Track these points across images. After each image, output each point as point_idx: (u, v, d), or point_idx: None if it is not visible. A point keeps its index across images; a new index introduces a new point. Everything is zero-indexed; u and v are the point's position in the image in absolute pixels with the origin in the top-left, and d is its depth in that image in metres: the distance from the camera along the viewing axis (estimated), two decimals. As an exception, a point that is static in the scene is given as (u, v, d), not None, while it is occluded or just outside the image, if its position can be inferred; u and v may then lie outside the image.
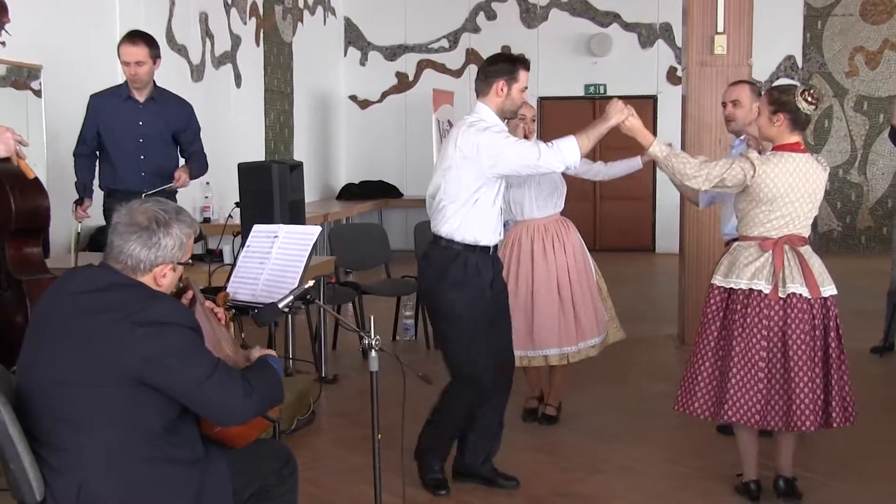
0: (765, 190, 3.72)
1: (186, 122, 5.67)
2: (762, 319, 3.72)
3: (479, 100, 3.97)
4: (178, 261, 2.60)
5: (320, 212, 9.78)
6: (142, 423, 2.45)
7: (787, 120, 3.74)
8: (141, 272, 2.54)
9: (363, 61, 12.74)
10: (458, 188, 3.88)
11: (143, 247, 2.52)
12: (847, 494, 4.06)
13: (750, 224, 3.82)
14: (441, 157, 4.00)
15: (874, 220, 12.02)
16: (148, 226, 2.53)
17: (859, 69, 11.85)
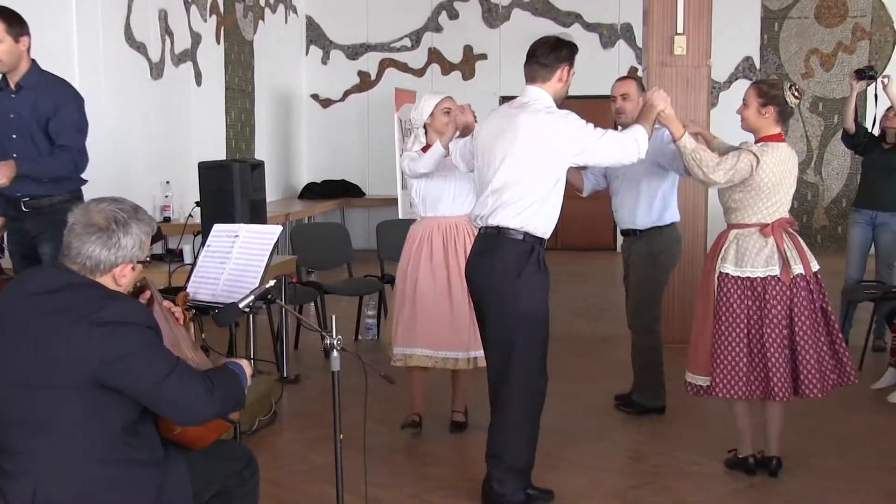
0: (765, 180, 3.99)
1: (54, 108, 4.46)
2: (781, 301, 4.04)
3: (534, 84, 3.82)
4: (137, 259, 2.57)
5: (282, 211, 9.73)
6: (100, 425, 2.42)
7: (775, 112, 4.05)
8: (100, 273, 2.51)
9: (325, 60, 12.69)
10: (536, 179, 3.71)
11: (102, 247, 2.49)
12: (801, 489, 4.12)
13: (748, 212, 4.08)
14: (493, 148, 3.78)
15: (829, 219, 12.20)
16: (107, 226, 2.50)
17: (815, 71, 12.03)
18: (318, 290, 6.65)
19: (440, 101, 4.73)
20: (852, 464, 4.43)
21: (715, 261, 4.14)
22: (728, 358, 4.09)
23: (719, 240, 4.20)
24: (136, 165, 7.76)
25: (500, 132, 3.79)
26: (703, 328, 4.20)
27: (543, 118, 3.73)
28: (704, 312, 4.19)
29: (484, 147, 3.87)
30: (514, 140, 3.72)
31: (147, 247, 2.61)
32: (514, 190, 3.71)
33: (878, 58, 11.88)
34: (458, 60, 12.43)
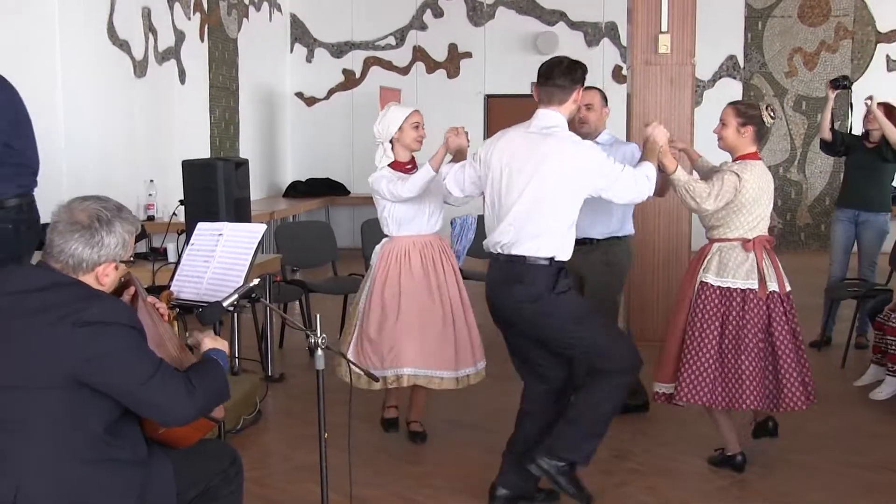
0: (746, 196, 4.09)
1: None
2: (758, 314, 4.12)
3: (550, 107, 3.73)
4: (121, 259, 2.56)
5: (266, 209, 9.70)
6: (82, 425, 2.41)
7: (753, 132, 4.18)
8: (83, 271, 2.50)
9: (309, 58, 12.65)
10: (561, 209, 3.66)
11: (85, 246, 2.47)
12: (782, 486, 4.15)
13: (730, 228, 4.16)
14: (517, 173, 3.66)
15: (812, 217, 12.27)
16: (90, 224, 2.49)
17: (798, 70, 12.09)
18: (303, 288, 6.64)
19: (409, 115, 4.54)
20: (832, 460, 4.47)
21: (696, 271, 4.23)
22: (696, 364, 4.15)
23: (702, 252, 4.28)
24: (120, 164, 7.72)
25: (524, 157, 3.66)
26: (676, 337, 4.26)
27: (571, 148, 3.67)
28: (678, 321, 4.26)
29: (503, 171, 3.71)
30: (541, 167, 3.63)
31: (131, 246, 2.60)
32: (539, 219, 3.64)
33: (861, 56, 11.95)
34: (442, 59, 12.42)
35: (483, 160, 3.84)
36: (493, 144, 3.83)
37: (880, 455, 4.55)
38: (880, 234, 6.55)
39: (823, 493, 4.09)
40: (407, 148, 4.57)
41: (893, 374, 5.35)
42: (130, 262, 2.65)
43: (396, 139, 4.54)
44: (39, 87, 6.55)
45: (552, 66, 3.77)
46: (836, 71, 11.99)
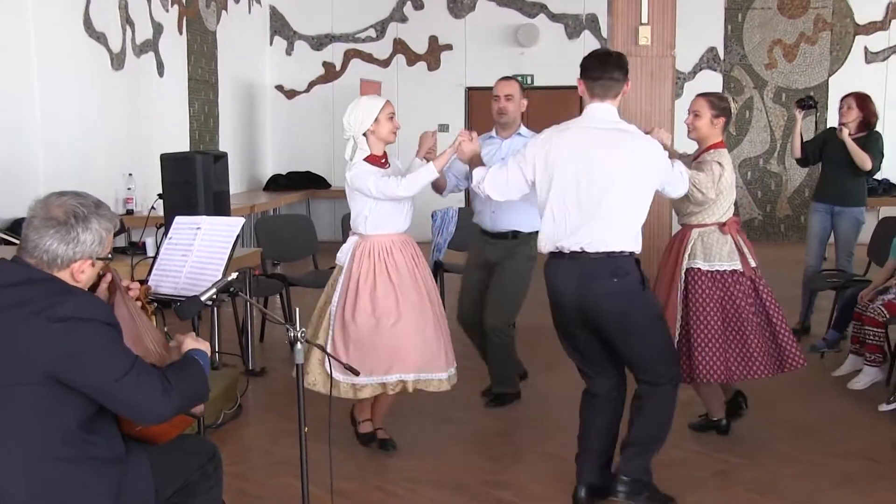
0: (724, 184, 4.34)
1: None
2: (748, 290, 4.37)
3: (607, 101, 3.72)
4: (98, 256, 2.52)
5: (247, 203, 9.67)
6: (56, 422, 2.38)
7: (723, 123, 4.44)
8: (58, 268, 2.47)
9: (289, 51, 12.60)
10: (647, 202, 3.71)
11: (60, 242, 2.44)
12: (762, 475, 4.18)
13: (708, 214, 4.37)
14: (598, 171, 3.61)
15: (792, 208, 12.33)
16: (66, 220, 2.45)
17: (778, 61, 12.14)
18: (284, 282, 6.61)
19: (384, 106, 4.28)
20: (811, 450, 4.50)
21: (680, 258, 4.40)
22: (706, 345, 4.34)
23: (681, 238, 4.45)
24: (98, 158, 7.66)
25: (605, 154, 3.62)
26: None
27: (650, 143, 3.76)
28: (667, 308, 4.33)
29: (579, 169, 3.63)
30: (630, 163, 3.64)
31: (109, 244, 2.56)
32: (632, 214, 3.66)
33: (839, 48, 12.01)
34: (423, 51, 12.40)
35: (544, 161, 3.70)
36: (551, 143, 3.71)
37: (858, 444, 4.59)
38: (856, 226, 6.58)
39: (802, 483, 4.12)
40: (383, 140, 4.30)
41: (871, 364, 5.39)
42: (108, 259, 2.61)
43: (371, 131, 4.27)
44: (15, 80, 6.50)
45: (605, 58, 3.79)
46: (815, 63, 12.05)
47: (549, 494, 4.01)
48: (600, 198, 3.61)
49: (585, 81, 3.77)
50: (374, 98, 4.38)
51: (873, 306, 5.35)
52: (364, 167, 4.28)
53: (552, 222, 3.71)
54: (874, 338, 5.34)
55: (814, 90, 12.05)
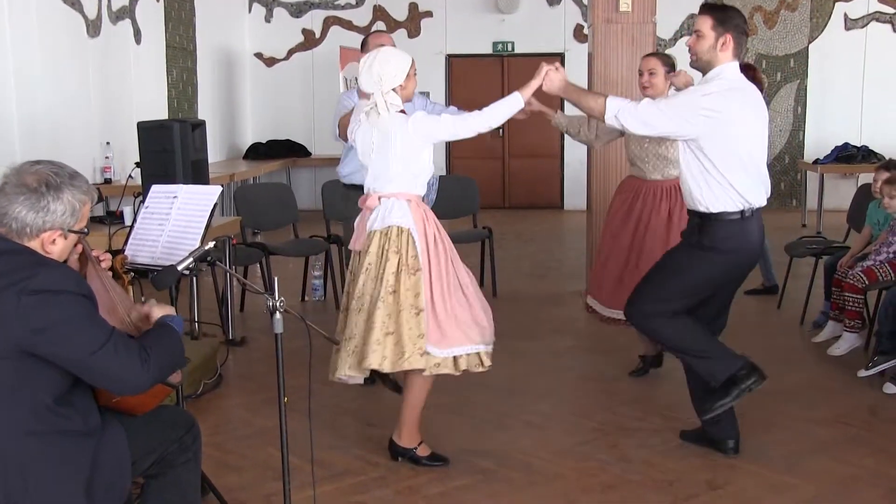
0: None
1: None
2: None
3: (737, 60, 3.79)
4: (70, 228, 2.47)
5: (226, 171, 9.60)
6: (29, 395, 2.35)
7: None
8: (27, 237, 2.42)
9: (268, 18, 12.46)
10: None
11: (29, 210, 2.40)
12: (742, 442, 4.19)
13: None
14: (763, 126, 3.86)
15: (772, 175, 12.21)
16: (37, 188, 2.41)
17: (758, 28, 12.11)
18: (264, 251, 6.58)
19: (412, 64, 3.88)
20: (788, 416, 4.53)
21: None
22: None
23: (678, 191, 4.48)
24: (75, 127, 7.57)
25: (761, 118, 3.86)
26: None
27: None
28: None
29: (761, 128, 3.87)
30: (766, 124, 3.89)
31: (84, 216, 2.51)
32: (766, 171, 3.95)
33: (819, 15, 11.99)
34: (403, 18, 12.28)
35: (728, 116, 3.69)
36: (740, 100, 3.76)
37: (834, 409, 4.63)
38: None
39: (782, 448, 4.15)
40: (406, 99, 3.87)
41: (850, 330, 5.42)
42: (84, 234, 2.56)
43: (402, 87, 3.82)
44: (-12, 47, 6.39)
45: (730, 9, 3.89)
46: (795, 29, 12.03)
47: (529, 462, 4.03)
48: (763, 156, 3.91)
49: (738, 37, 3.76)
50: (403, 53, 3.88)
51: (852, 272, 5.38)
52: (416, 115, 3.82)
53: (747, 180, 3.80)
54: (853, 304, 5.38)
55: (794, 57, 12.06)
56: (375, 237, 3.82)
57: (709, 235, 3.79)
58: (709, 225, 3.79)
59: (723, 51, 3.73)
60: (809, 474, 3.88)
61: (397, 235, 3.79)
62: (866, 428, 4.42)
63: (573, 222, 10.72)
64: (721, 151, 3.71)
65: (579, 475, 3.90)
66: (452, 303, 3.83)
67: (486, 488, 3.80)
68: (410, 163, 3.82)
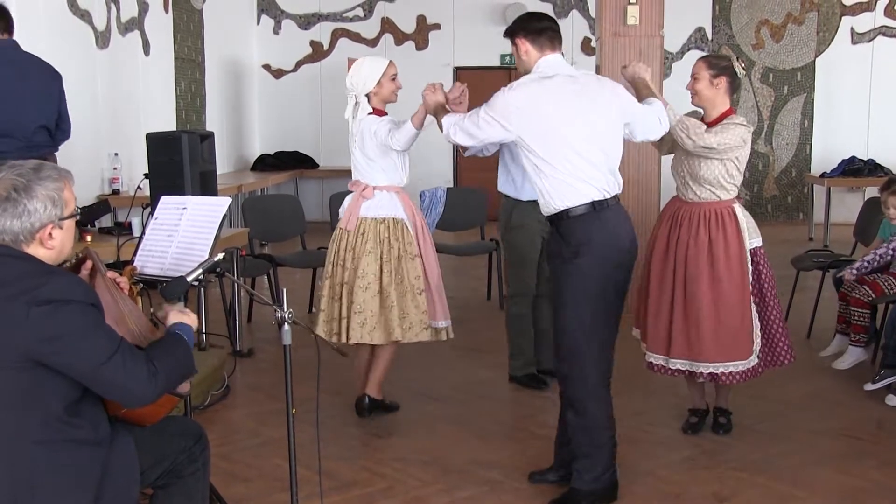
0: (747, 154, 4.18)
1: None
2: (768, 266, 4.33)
3: (555, 52, 3.69)
4: (60, 217, 2.45)
5: (234, 183, 9.63)
6: (38, 405, 2.35)
7: (726, 83, 4.16)
8: (24, 243, 2.41)
9: (277, 30, 12.51)
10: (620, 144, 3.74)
11: (12, 218, 2.38)
12: (748, 454, 4.20)
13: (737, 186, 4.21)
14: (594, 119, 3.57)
15: (779, 189, 12.36)
16: (8, 196, 2.38)
17: (765, 42, 12.12)
18: (271, 262, 6.60)
19: (387, 67, 4.43)
20: (795, 428, 4.53)
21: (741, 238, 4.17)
22: (781, 324, 4.34)
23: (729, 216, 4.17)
24: (83, 137, 7.58)
25: (590, 102, 3.56)
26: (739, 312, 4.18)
27: (604, 81, 3.78)
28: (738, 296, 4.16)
29: (573, 116, 3.53)
30: (609, 109, 3.62)
31: (67, 201, 2.47)
32: (615, 153, 3.64)
33: (826, 29, 12.00)
34: (411, 30, 12.33)
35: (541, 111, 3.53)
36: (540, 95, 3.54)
37: (841, 422, 4.62)
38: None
39: (789, 461, 4.15)
40: (385, 101, 4.46)
41: (856, 344, 5.41)
42: (77, 214, 2.54)
43: (374, 93, 4.41)
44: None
45: (541, 14, 3.82)
46: (802, 43, 12.05)
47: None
48: (607, 147, 3.58)
49: (528, 37, 3.67)
50: (378, 59, 4.50)
51: (859, 287, 5.37)
52: (376, 119, 4.43)
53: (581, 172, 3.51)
54: (859, 318, 5.37)
55: (800, 71, 12.07)
56: (372, 225, 4.45)
57: (567, 239, 3.54)
58: (564, 226, 3.55)
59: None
60: (816, 487, 3.88)
61: (394, 225, 4.45)
62: (873, 441, 4.42)
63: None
64: (547, 145, 3.52)
65: (586, 487, 3.89)
66: (437, 281, 4.56)
67: (493, 499, 3.80)
68: (379, 159, 4.43)
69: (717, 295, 4.14)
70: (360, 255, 4.42)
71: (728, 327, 4.16)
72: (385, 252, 4.42)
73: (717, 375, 4.20)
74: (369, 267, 4.40)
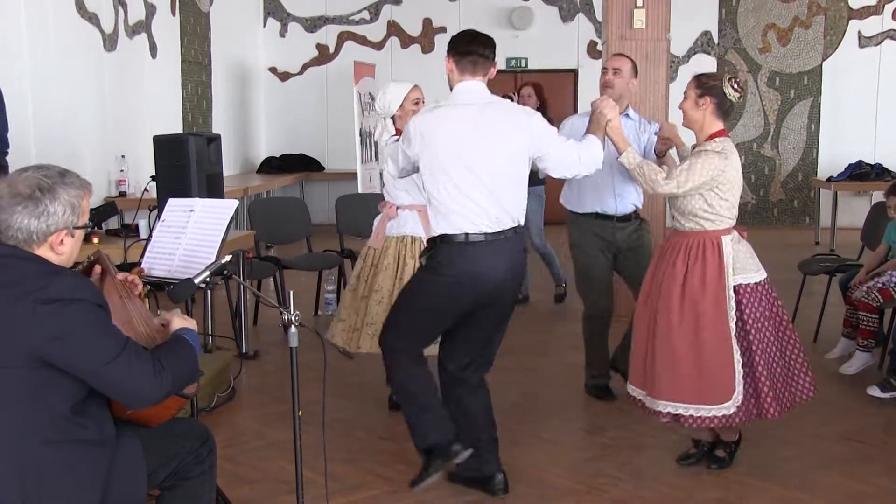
0: (732, 180, 3.80)
1: None
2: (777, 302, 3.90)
3: (477, 78, 3.68)
4: (74, 225, 2.47)
5: (240, 185, 9.64)
6: (45, 405, 2.36)
7: (712, 105, 3.82)
8: (36, 244, 2.43)
9: (283, 33, 12.54)
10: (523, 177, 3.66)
11: (30, 217, 2.40)
12: (756, 458, 4.19)
13: (729, 215, 3.84)
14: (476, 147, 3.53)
15: (786, 193, 12.34)
16: (31, 194, 2.40)
17: (772, 45, 12.11)
18: (277, 264, 6.61)
19: (408, 93, 4.55)
20: (802, 432, 4.52)
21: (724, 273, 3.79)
22: (769, 373, 3.83)
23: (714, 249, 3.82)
24: (90, 140, 7.62)
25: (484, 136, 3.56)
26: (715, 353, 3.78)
27: (519, 114, 3.68)
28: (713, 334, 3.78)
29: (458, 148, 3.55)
30: (508, 142, 3.56)
31: (84, 211, 2.50)
32: (507, 188, 3.57)
33: (833, 32, 11.99)
34: (417, 33, 12.34)
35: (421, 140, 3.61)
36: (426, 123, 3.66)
37: (848, 426, 4.62)
38: (540, 203, 7.32)
39: (793, 465, 4.14)
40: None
41: (863, 349, 5.40)
42: (88, 227, 2.57)
43: (399, 116, 4.53)
44: (5, 61, 6.45)
45: (471, 37, 3.75)
46: (809, 47, 12.04)
47: (541, 477, 4.03)
48: (495, 174, 3.54)
49: (454, 58, 3.71)
50: (401, 84, 4.66)
51: (868, 292, 5.36)
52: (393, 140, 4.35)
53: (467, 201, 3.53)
54: (867, 323, 5.36)
55: (807, 74, 12.06)
56: (392, 243, 4.62)
57: (434, 257, 3.63)
58: (436, 248, 3.63)
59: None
60: (822, 491, 3.87)
61: (412, 243, 4.60)
62: (880, 446, 4.41)
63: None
64: (432, 174, 3.57)
65: (591, 491, 3.90)
66: None
67: (499, 503, 3.79)
68: (400, 180, 4.35)
69: (686, 330, 3.79)
70: (379, 272, 4.62)
71: (689, 363, 3.79)
72: (401, 269, 4.58)
73: (676, 416, 3.84)
74: (385, 283, 4.58)
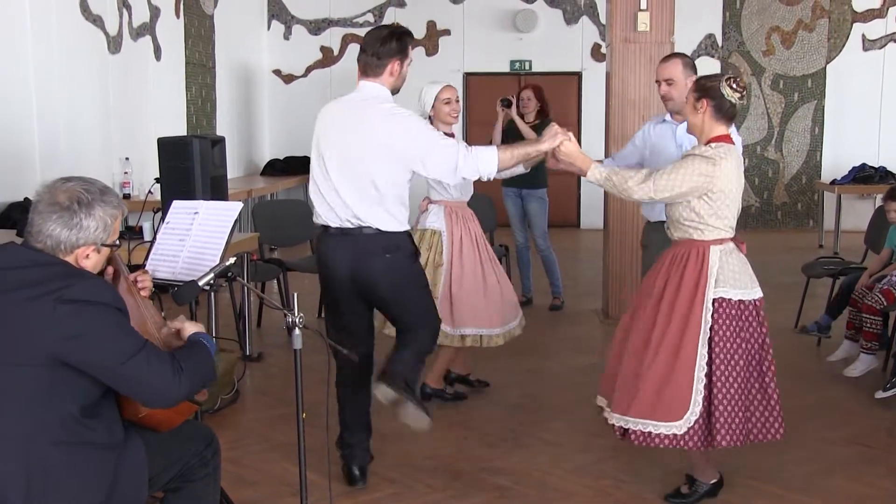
0: (724, 189, 3.53)
1: None
2: (763, 325, 3.64)
3: (368, 80, 3.74)
4: (102, 242, 2.51)
5: (244, 188, 9.64)
6: (57, 406, 2.37)
7: (710, 108, 3.54)
8: (62, 252, 2.47)
9: (287, 35, 12.55)
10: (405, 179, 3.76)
11: (63, 227, 2.44)
12: (760, 461, 4.19)
13: (722, 224, 3.57)
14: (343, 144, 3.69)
15: (789, 195, 12.33)
16: (69, 206, 2.45)
17: (775, 48, 12.11)
18: (281, 267, 6.61)
19: (438, 93, 4.82)
20: (806, 436, 4.51)
21: (703, 283, 3.52)
22: (731, 401, 3.53)
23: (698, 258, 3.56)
24: (95, 142, 7.64)
25: (344, 126, 3.72)
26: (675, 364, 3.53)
27: (398, 118, 3.66)
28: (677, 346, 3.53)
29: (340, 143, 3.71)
30: (384, 139, 3.63)
31: (115, 231, 2.55)
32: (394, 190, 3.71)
33: (837, 35, 11.99)
34: (421, 36, 12.35)
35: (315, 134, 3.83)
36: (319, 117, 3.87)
37: (852, 430, 4.61)
38: (543, 206, 7.39)
39: (797, 468, 4.13)
40: (443, 122, 4.80)
41: (867, 352, 5.40)
42: (116, 247, 2.61)
43: (433, 115, 4.82)
44: (9, 63, 6.46)
45: (368, 37, 3.81)
46: (812, 50, 12.04)
47: (545, 480, 4.03)
48: (367, 174, 3.66)
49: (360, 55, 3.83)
50: (434, 85, 4.88)
51: (871, 294, 5.36)
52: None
53: (320, 196, 3.79)
54: (871, 325, 5.35)
55: (811, 77, 12.06)
56: (418, 236, 4.78)
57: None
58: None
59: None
60: (827, 495, 3.87)
61: (431, 236, 4.84)
62: (884, 449, 4.40)
63: (590, 241, 10.71)
64: (315, 164, 3.83)
65: (595, 493, 3.90)
66: (468, 291, 4.78)
67: (502, 506, 3.80)
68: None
69: (655, 340, 3.56)
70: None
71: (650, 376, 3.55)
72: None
73: (625, 431, 3.63)
74: None
